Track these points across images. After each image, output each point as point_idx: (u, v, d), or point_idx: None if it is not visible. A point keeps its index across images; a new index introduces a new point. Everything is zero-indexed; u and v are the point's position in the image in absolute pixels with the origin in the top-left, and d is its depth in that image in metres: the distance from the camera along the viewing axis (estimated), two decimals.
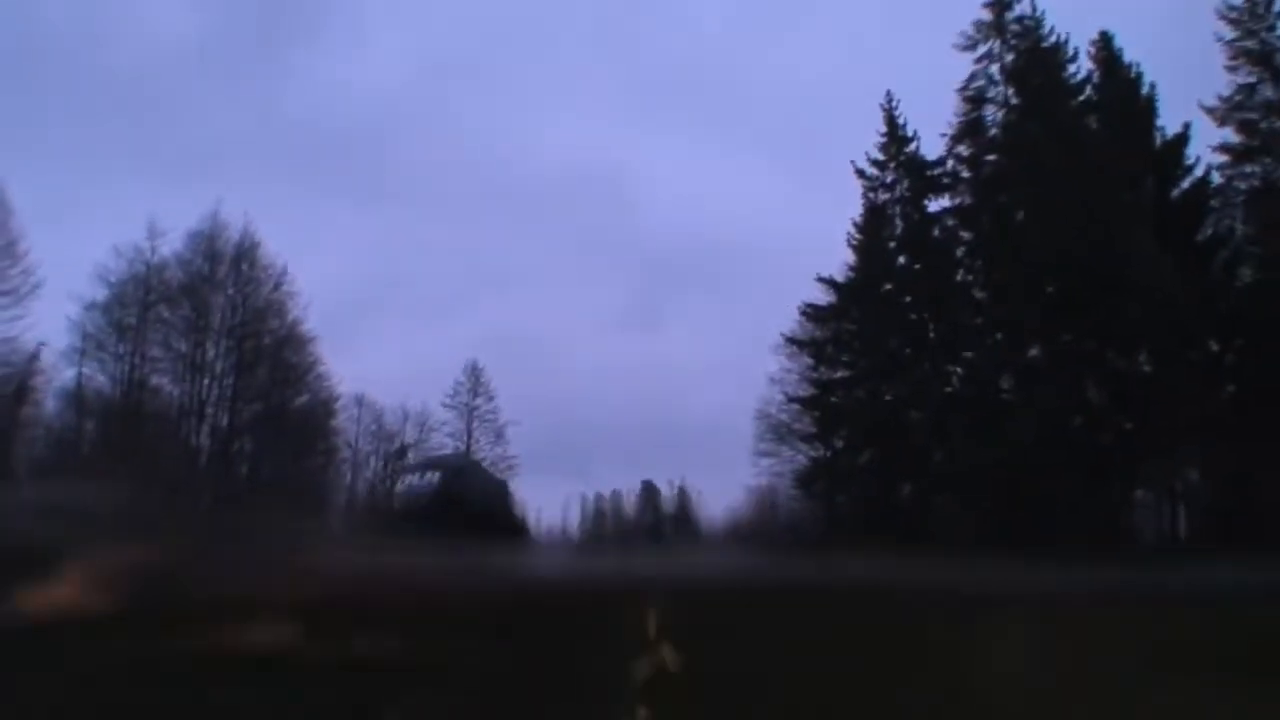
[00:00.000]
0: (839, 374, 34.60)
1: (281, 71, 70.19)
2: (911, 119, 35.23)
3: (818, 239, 65.31)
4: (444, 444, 43.83)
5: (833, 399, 34.40)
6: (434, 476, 2.35)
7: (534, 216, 72.19)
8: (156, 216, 40.83)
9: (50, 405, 40.14)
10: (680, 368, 67.59)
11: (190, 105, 67.83)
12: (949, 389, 31.43)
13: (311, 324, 42.97)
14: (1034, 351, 29.96)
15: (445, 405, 46.00)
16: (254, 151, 66.58)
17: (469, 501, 2.29)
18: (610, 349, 68.15)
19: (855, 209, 35.20)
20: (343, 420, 45.70)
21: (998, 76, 33.26)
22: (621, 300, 74.96)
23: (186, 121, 64.91)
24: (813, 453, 34.89)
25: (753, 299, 65.81)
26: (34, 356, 37.23)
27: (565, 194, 75.62)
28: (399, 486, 2.41)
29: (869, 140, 35.55)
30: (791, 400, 35.59)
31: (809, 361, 35.06)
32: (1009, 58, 33.00)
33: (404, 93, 73.40)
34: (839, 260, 35.06)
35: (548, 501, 52.99)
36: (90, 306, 40.23)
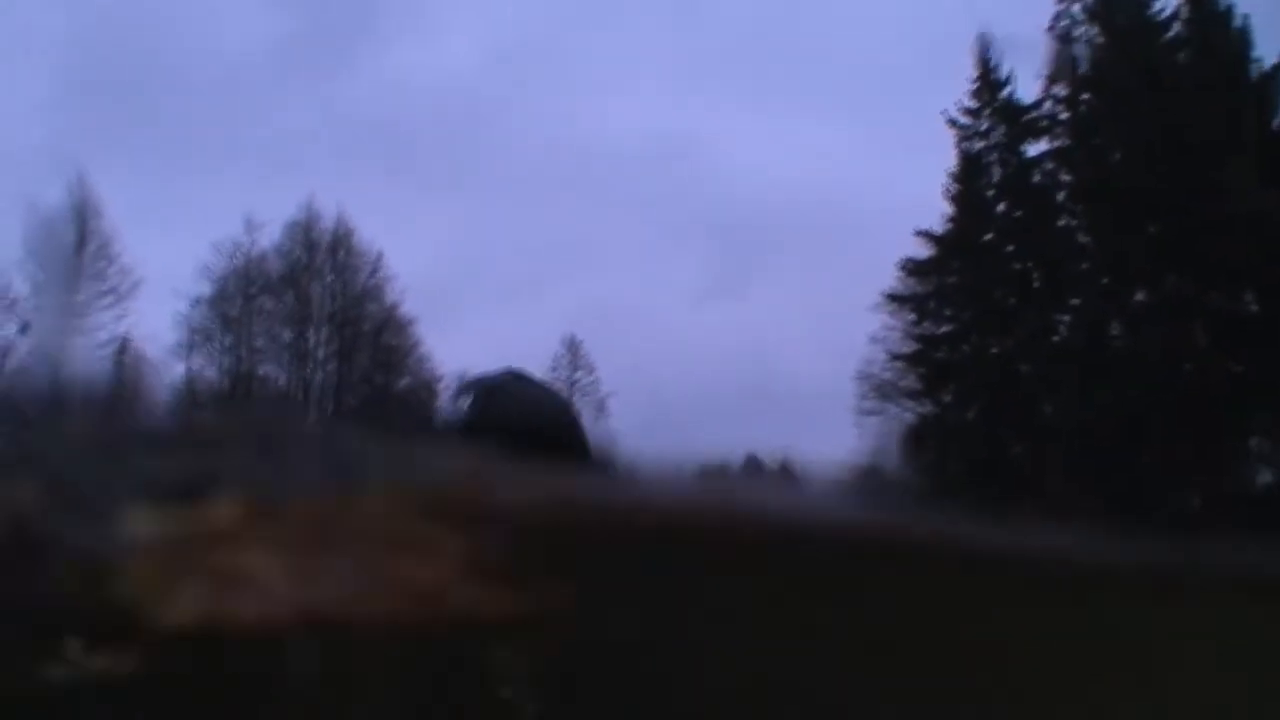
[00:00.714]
0: (943, 329, 35.00)
1: (357, 63, 71.84)
2: (1005, 62, 35.48)
3: (910, 194, 65.27)
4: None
5: (938, 354, 34.87)
6: (464, 403, 2.02)
7: (617, 189, 73.17)
8: (253, 211, 42.53)
9: (162, 400, 42.15)
10: (775, 333, 68.25)
11: (275, 101, 69.71)
12: (1056, 338, 31.86)
13: (410, 307, 44.41)
14: (1140, 296, 30.26)
15: (549, 380, 47.01)
16: (339, 143, 68.46)
17: (514, 425, 1.95)
18: (702, 318, 68.94)
19: (948, 161, 35.58)
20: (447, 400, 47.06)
21: (1080, 15, 33.44)
22: (710, 268, 75.72)
23: (273, 118, 66.74)
24: (919, 410, 35.32)
25: (845, 259, 66.07)
26: (121, 350, 39.03)
27: (646, 164, 76.21)
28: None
29: (956, 90, 35.89)
30: (895, 358, 35.98)
31: (911, 318, 35.50)
32: None
33: (477, 73, 74.37)
34: (936, 214, 35.44)
35: None
36: (196, 302, 42.03)
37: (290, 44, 69.45)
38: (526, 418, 2.04)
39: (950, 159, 35.47)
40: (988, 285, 33.24)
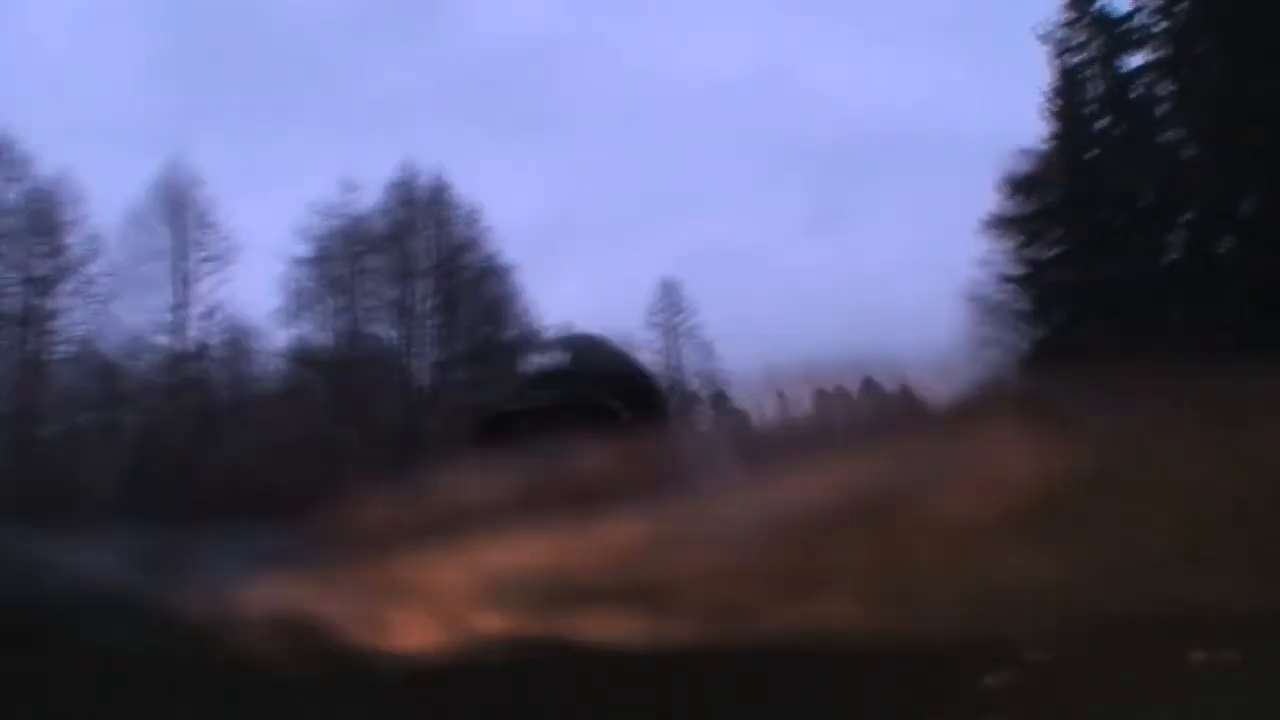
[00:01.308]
0: (1051, 251, 35.26)
1: (441, 15, 72.24)
2: None
3: (1008, 114, 64.95)
4: (651, 364, 45.79)
5: (1046, 276, 35.16)
6: (557, 358, 2.15)
7: (713, 126, 73.42)
8: (348, 172, 43.95)
9: (269, 362, 43.84)
10: (877, 262, 68.52)
11: (359, 61, 70.59)
12: (1168, 256, 32.03)
13: (509, 256, 45.65)
14: (1248, 207, 30.34)
15: (650, 324, 47.53)
16: (434, 98, 69.40)
17: (602, 386, 2.09)
18: (803, 252, 69.07)
19: (1045, 79, 35.87)
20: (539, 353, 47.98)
21: None
22: (806, 201, 75.60)
23: (359, 77, 67.96)
24: (1032, 335, 35.57)
25: (944, 183, 65.83)
26: (209, 315, 40.59)
27: (734, 100, 76.27)
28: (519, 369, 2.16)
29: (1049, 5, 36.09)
30: (1005, 280, 36.33)
31: (1019, 239, 35.80)
32: None
33: (561, 19, 74.56)
34: (1035, 133, 35.77)
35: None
36: (297, 263, 43.50)
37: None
38: (617, 371, 2.19)
39: (1047, 76, 35.86)
40: (1092, 204, 33.53)
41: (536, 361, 2.15)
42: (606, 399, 2.05)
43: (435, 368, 44.99)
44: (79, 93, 58.10)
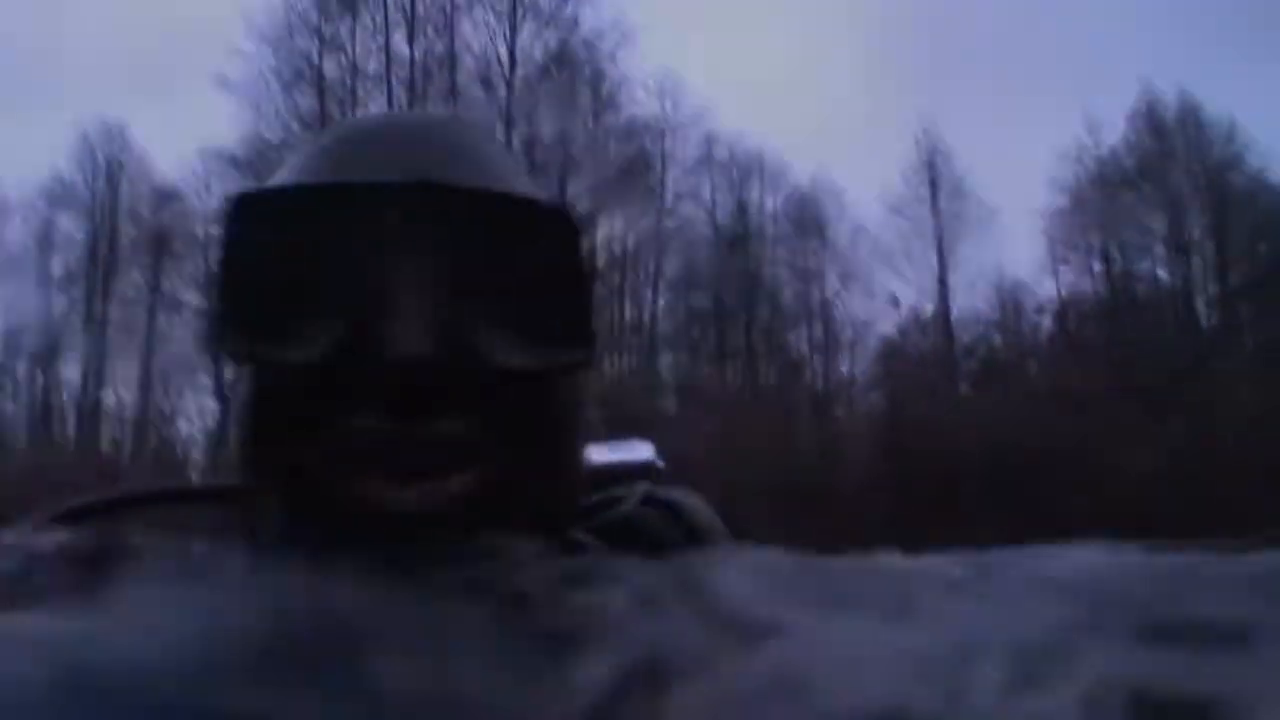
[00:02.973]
0: None
1: None
2: None
3: None
4: None
5: None
6: None
7: None
8: (1090, 112, 43.24)
9: (1039, 318, 43.93)
10: None
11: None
12: None
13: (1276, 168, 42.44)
14: None
15: None
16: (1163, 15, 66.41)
17: None
18: None
19: None
20: None
21: None
22: None
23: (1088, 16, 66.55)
24: None
25: None
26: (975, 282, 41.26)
27: None
28: None
29: None
30: None
31: None
32: None
33: None
34: None
35: None
36: (1053, 214, 43.43)
37: None
38: None
39: None
40: None
41: None
42: None
43: (1217, 302, 42.61)
44: (819, 94, 61.84)
